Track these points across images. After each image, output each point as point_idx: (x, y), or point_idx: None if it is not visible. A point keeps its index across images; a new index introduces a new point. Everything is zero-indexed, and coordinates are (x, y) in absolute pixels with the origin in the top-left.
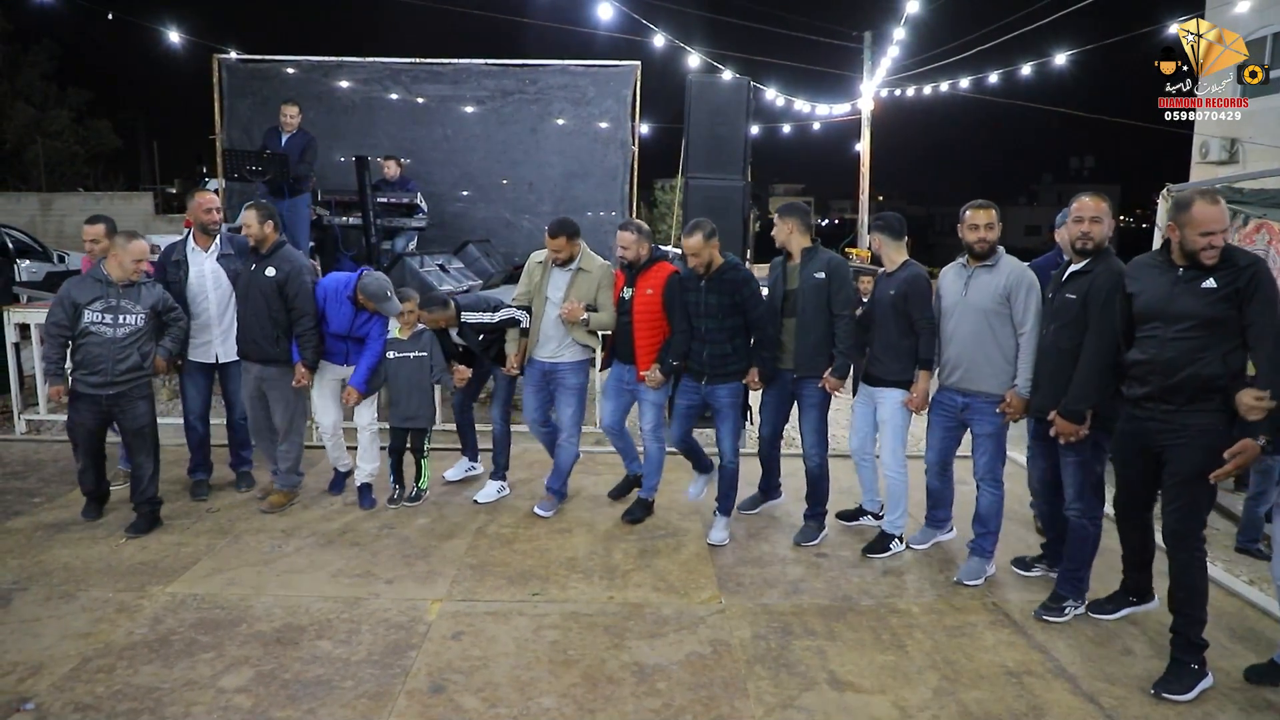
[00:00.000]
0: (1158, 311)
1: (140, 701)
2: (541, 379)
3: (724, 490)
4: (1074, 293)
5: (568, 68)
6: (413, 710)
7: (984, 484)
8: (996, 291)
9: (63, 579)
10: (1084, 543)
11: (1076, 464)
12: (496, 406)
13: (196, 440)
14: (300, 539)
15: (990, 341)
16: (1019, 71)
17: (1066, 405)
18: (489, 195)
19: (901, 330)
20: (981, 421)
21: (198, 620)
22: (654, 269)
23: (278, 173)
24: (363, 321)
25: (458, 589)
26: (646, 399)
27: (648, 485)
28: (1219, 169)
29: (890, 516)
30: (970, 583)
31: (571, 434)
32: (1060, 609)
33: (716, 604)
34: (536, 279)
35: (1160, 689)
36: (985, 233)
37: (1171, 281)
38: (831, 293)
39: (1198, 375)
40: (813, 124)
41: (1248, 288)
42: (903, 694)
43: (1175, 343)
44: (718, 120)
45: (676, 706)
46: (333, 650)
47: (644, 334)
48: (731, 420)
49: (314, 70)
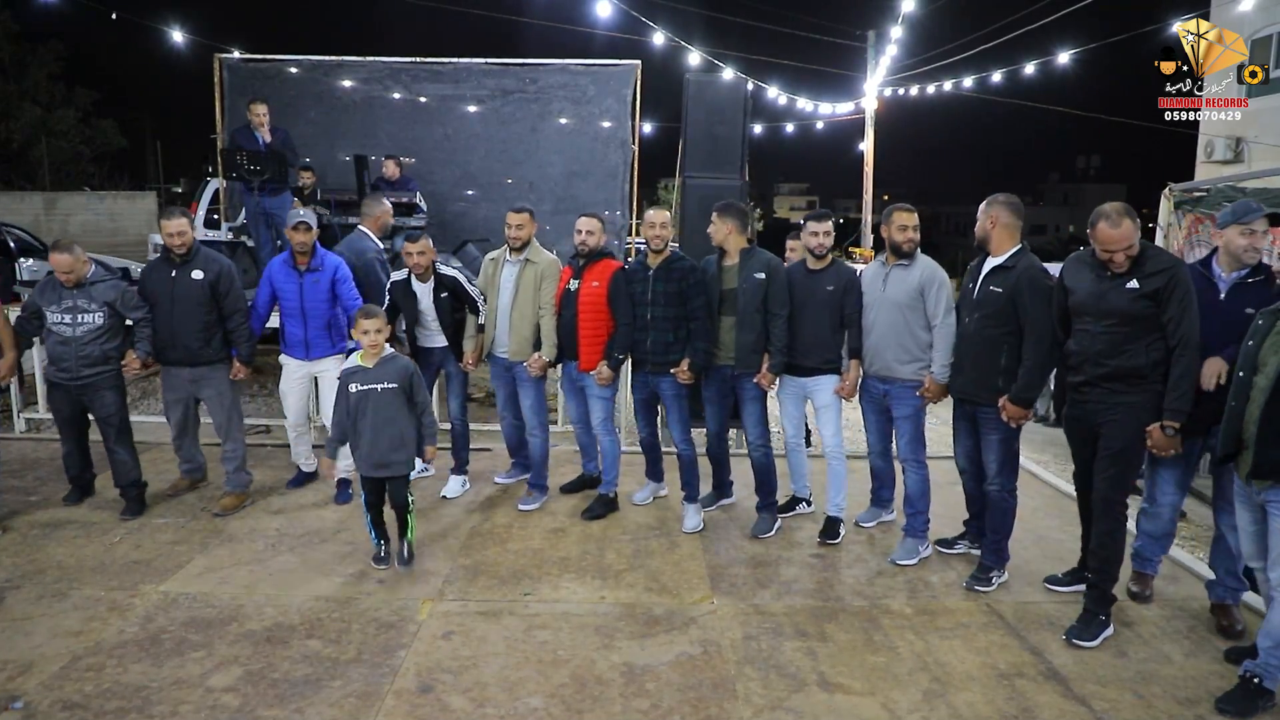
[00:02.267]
0: (1089, 308)
1: (129, 700)
2: (504, 373)
3: (685, 479)
4: (999, 286)
5: (568, 67)
6: (400, 710)
7: (908, 465)
8: (912, 287)
9: (55, 577)
10: (1005, 515)
11: (999, 441)
12: (454, 401)
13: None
14: (294, 538)
15: (906, 333)
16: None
17: (1019, 393)
18: (490, 194)
19: (835, 324)
20: (901, 406)
21: (189, 619)
22: (601, 263)
23: (276, 171)
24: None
25: (450, 588)
26: (594, 393)
27: (607, 480)
28: (1224, 168)
29: (835, 499)
30: (905, 563)
31: (535, 426)
32: (988, 579)
33: (708, 604)
34: (490, 274)
35: (1071, 636)
36: (913, 234)
37: (1100, 282)
38: (770, 292)
39: (1123, 365)
40: (816, 123)
41: (1166, 288)
42: (893, 696)
43: (1104, 336)
44: (716, 119)
45: (665, 707)
46: (322, 649)
47: (588, 326)
48: (678, 409)
49: (315, 70)
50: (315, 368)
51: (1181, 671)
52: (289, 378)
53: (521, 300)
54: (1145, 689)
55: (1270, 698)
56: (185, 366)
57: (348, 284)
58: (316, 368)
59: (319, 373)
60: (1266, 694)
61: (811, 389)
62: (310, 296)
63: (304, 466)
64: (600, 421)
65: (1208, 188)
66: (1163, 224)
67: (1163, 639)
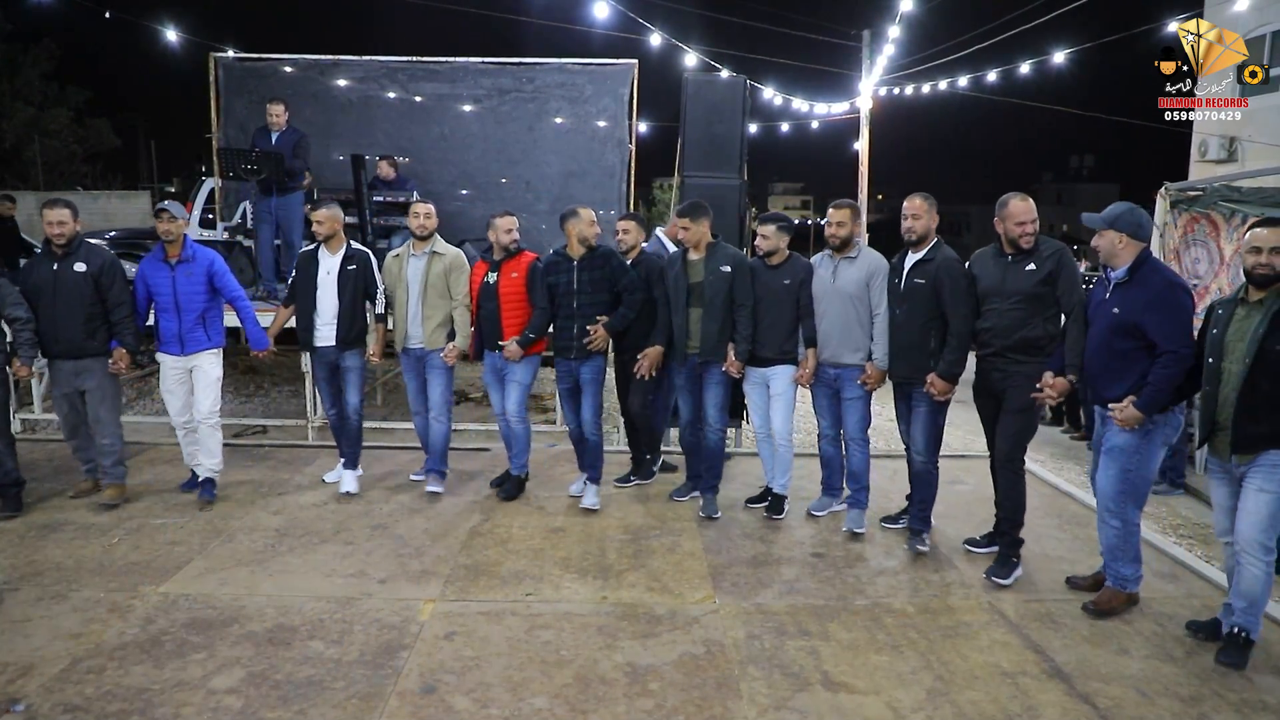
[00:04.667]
0: (995, 290)
1: (130, 702)
2: (416, 365)
3: (590, 461)
4: (922, 278)
5: (565, 66)
6: (404, 711)
7: (855, 444)
8: (859, 279)
9: (54, 579)
10: (930, 485)
11: (928, 416)
12: (352, 396)
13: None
14: (294, 538)
15: (854, 322)
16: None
17: (947, 369)
18: (487, 194)
19: (792, 316)
20: (849, 389)
21: (189, 620)
22: (518, 257)
23: (272, 171)
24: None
25: (451, 589)
26: (513, 380)
27: (518, 463)
28: (1218, 167)
29: (780, 480)
30: (857, 530)
31: (441, 413)
32: (922, 539)
33: (710, 604)
34: (395, 271)
35: (990, 573)
36: (837, 229)
37: (1003, 267)
38: (735, 285)
39: (1025, 337)
40: (812, 123)
41: (1056, 269)
42: (896, 695)
43: (1009, 313)
44: (714, 119)
45: (669, 707)
46: (324, 651)
47: (510, 316)
48: (594, 394)
49: (311, 69)
50: (191, 362)
51: (1184, 669)
52: (169, 378)
53: (432, 292)
54: (1148, 687)
55: (1252, 645)
56: (69, 359)
57: (226, 276)
58: (192, 362)
59: (193, 368)
60: (1253, 644)
61: (769, 377)
62: (184, 288)
63: (195, 467)
64: (514, 407)
65: (1203, 187)
66: (1159, 223)
67: (1165, 637)
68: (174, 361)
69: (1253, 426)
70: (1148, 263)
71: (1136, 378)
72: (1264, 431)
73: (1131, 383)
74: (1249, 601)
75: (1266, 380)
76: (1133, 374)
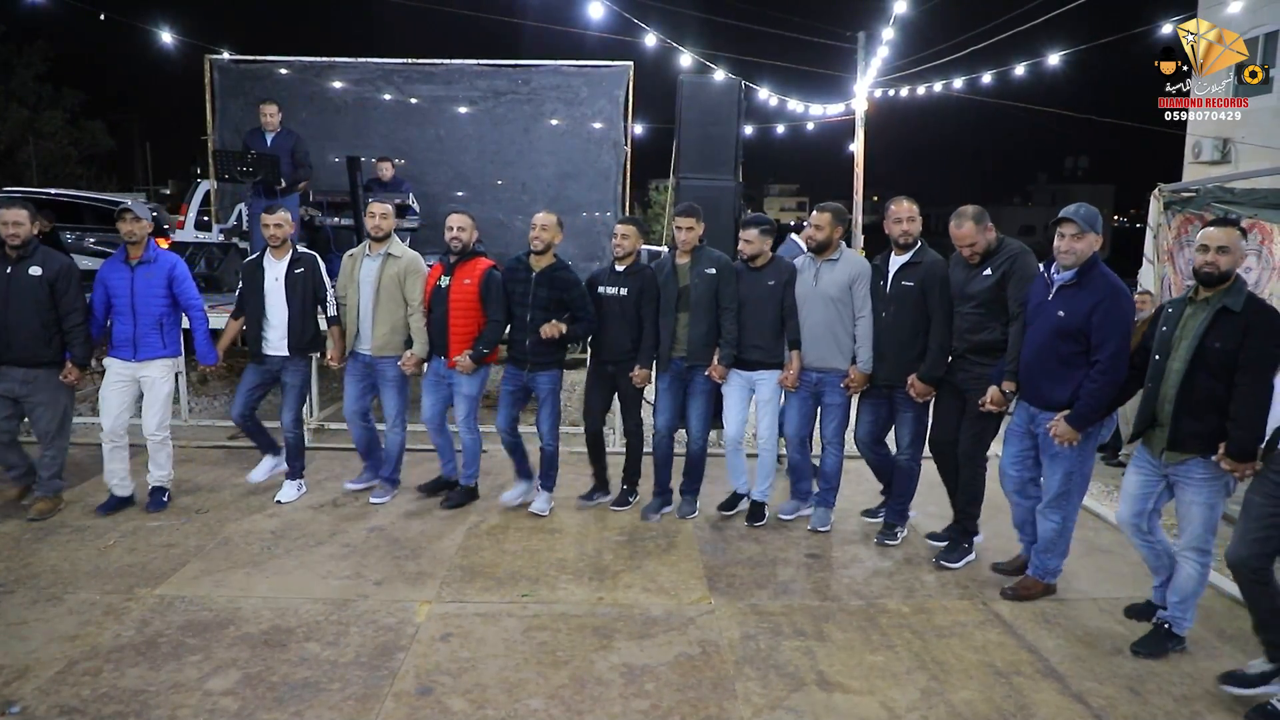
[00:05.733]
0: (958, 294)
1: (126, 704)
2: (364, 371)
3: (544, 470)
4: (911, 280)
5: (560, 68)
6: (400, 712)
7: (830, 446)
8: (841, 282)
9: (50, 581)
10: (911, 480)
11: (914, 418)
12: (287, 414)
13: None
14: (290, 540)
15: (838, 325)
16: (1014, 72)
17: (929, 372)
18: (482, 196)
19: (776, 318)
20: (832, 393)
21: (185, 622)
22: (472, 261)
23: (268, 173)
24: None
25: (447, 590)
26: (460, 391)
27: (468, 473)
28: (1212, 169)
29: (761, 486)
30: (822, 529)
31: (396, 423)
32: (894, 534)
33: (706, 605)
34: (349, 271)
35: (940, 558)
36: (815, 232)
37: (967, 273)
38: (720, 288)
39: (982, 340)
40: (807, 124)
41: (1009, 274)
42: (891, 694)
43: (968, 316)
44: (709, 120)
45: (665, 708)
46: (321, 652)
47: (458, 323)
48: (551, 405)
49: (306, 71)
50: (141, 371)
51: (1177, 669)
52: (111, 380)
53: (385, 296)
54: (1141, 686)
55: (1180, 641)
56: (19, 367)
57: (187, 283)
58: (142, 371)
59: (143, 376)
60: (1176, 638)
61: (755, 382)
62: (142, 291)
63: (117, 490)
64: (463, 419)
65: (1197, 188)
66: (1152, 224)
67: None
68: (122, 367)
69: (1190, 424)
70: (1098, 266)
71: (1078, 380)
72: (1199, 430)
73: (1073, 387)
74: (1182, 598)
75: (1205, 377)
76: (1075, 378)
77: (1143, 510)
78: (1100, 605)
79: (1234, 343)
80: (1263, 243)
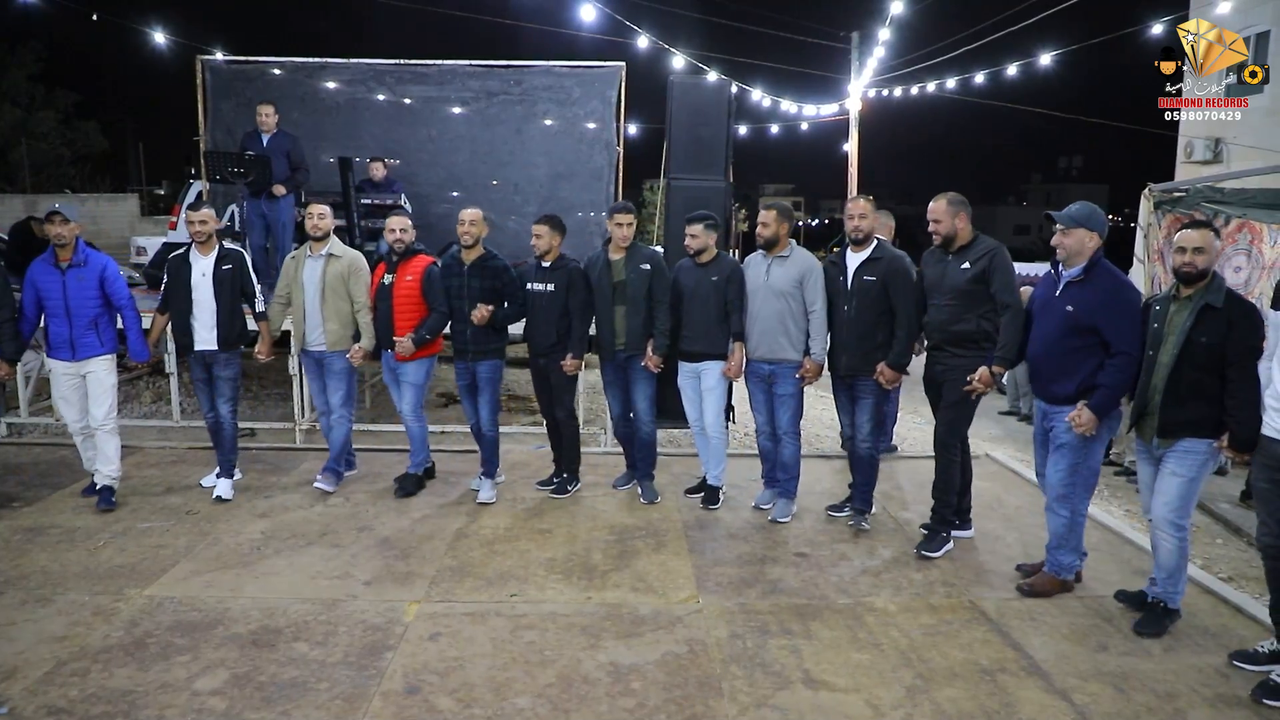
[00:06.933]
0: (935, 287)
1: (114, 705)
2: (316, 367)
3: (486, 456)
4: (873, 275)
5: (553, 68)
6: (387, 711)
7: (786, 437)
8: (792, 278)
9: (40, 582)
10: (872, 468)
11: (873, 405)
12: (223, 405)
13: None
14: (280, 541)
15: (789, 318)
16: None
17: (895, 359)
18: (475, 196)
19: (720, 312)
20: (784, 384)
21: (174, 623)
22: (414, 259)
23: (260, 174)
24: (89, 294)
25: (436, 590)
26: (406, 380)
27: (416, 461)
28: (1203, 168)
29: (714, 471)
30: (782, 520)
31: (342, 414)
32: (863, 517)
33: (694, 604)
34: (292, 272)
35: (921, 548)
36: (763, 229)
37: (943, 265)
38: (654, 283)
39: (960, 330)
40: (801, 124)
41: (989, 268)
42: (877, 692)
43: (946, 308)
44: (699, 121)
45: (650, 706)
46: (309, 652)
47: (403, 317)
48: (490, 393)
49: (298, 71)
50: (83, 369)
51: (1161, 666)
52: (62, 384)
53: (331, 294)
54: (1125, 683)
55: (1176, 615)
56: None
57: (118, 282)
58: (84, 369)
59: (86, 374)
60: (1173, 613)
61: (700, 372)
62: (74, 293)
63: (99, 477)
64: (410, 407)
65: (1186, 188)
66: (1142, 224)
67: (1144, 634)
68: (65, 368)
69: (1177, 412)
70: (1101, 263)
71: (1086, 374)
72: (1187, 418)
73: (1082, 379)
74: (1167, 573)
75: (1191, 370)
76: (1083, 371)
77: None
78: (1086, 603)
79: (1219, 337)
80: (1252, 242)
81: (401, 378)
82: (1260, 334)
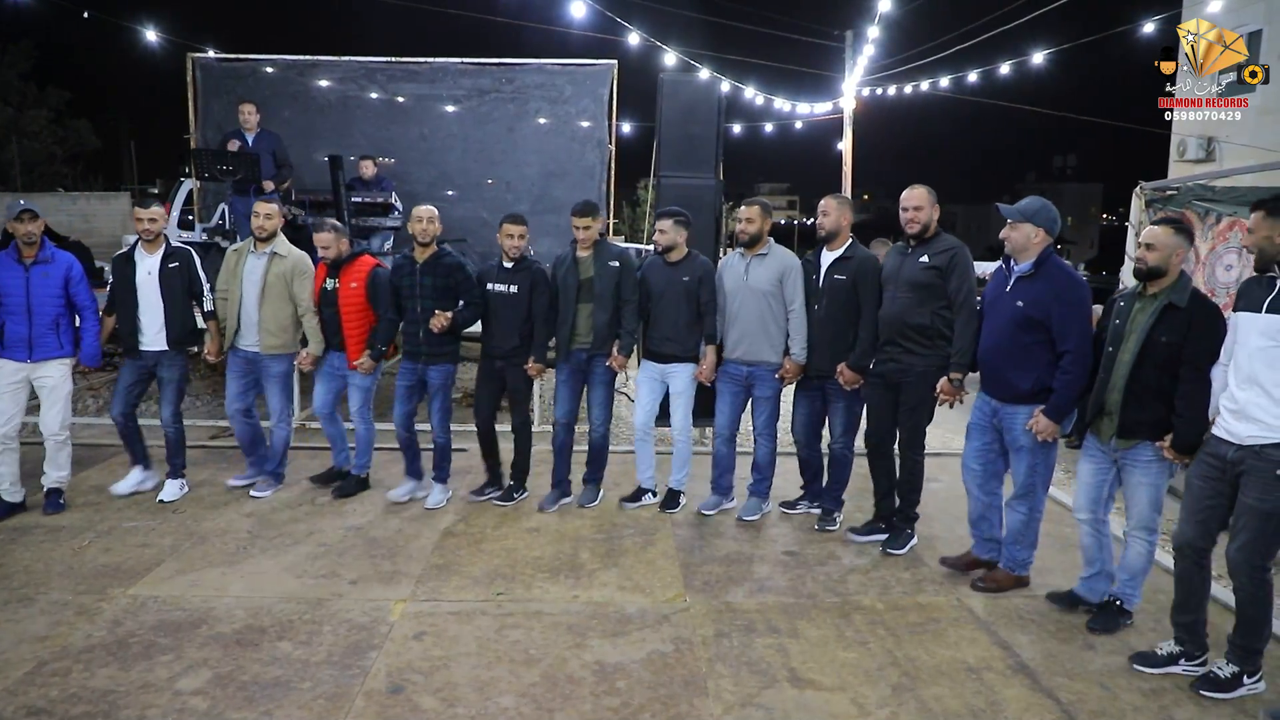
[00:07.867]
0: (891, 279)
1: (95, 705)
2: (245, 366)
3: (437, 461)
4: (843, 274)
5: (544, 66)
6: (370, 711)
7: (761, 438)
8: (772, 277)
9: (22, 582)
10: (845, 468)
11: (845, 407)
12: (166, 408)
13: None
14: (266, 540)
15: (769, 318)
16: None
17: (858, 361)
18: (467, 195)
19: (692, 313)
20: (762, 386)
21: (158, 622)
22: (357, 262)
23: (248, 172)
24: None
25: (422, 589)
26: (354, 383)
27: (359, 463)
28: (1196, 167)
29: (678, 475)
30: (749, 518)
31: (282, 417)
32: (832, 519)
33: (681, 602)
34: (233, 266)
35: (886, 546)
36: (746, 225)
37: (902, 257)
38: (621, 280)
39: (912, 324)
40: (796, 123)
41: (949, 265)
42: (862, 691)
43: (900, 300)
44: (690, 119)
45: (635, 705)
46: (293, 651)
47: (351, 323)
48: (442, 398)
49: (290, 69)
50: (37, 371)
51: None
52: (3, 384)
53: (271, 294)
54: (1111, 681)
55: (1129, 617)
56: None
57: (82, 284)
58: (38, 371)
59: (40, 378)
60: (1126, 614)
61: (669, 375)
62: (37, 291)
63: (7, 495)
64: (357, 409)
65: (1178, 186)
66: (1134, 222)
67: (1129, 632)
68: (15, 368)
69: (1139, 413)
70: (1052, 258)
71: (1040, 370)
72: (1146, 419)
73: (1038, 375)
74: (1131, 575)
75: (1151, 369)
76: (1036, 367)
77: (1099, 498)
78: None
79: (1179, 336)
80: (1244, 240)
81: (349, 380)
82: (1219, 338)
